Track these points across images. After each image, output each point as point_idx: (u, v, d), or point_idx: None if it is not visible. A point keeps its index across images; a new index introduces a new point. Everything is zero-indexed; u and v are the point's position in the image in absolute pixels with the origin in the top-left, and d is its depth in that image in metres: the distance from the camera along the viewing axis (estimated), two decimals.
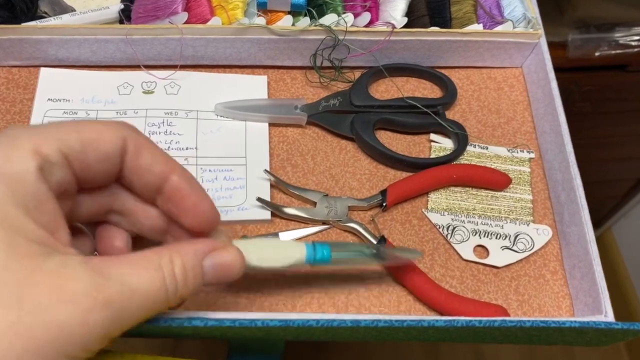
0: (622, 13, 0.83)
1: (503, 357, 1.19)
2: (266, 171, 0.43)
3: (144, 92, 0.46)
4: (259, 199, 0.42)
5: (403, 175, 0.46)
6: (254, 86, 0.48)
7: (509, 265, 0.43)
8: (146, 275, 0.24)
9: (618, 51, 0.83)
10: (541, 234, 0.44)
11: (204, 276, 0.27)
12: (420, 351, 1.17)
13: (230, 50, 0.47)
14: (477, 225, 0.44)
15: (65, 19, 0.46)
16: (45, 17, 0.46)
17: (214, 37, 0.46)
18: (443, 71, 0.51)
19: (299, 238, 0.41)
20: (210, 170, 0.44)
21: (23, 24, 0.44)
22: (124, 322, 0.24)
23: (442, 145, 0.48)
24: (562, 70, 0.78)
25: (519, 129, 0.49)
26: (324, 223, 0.43)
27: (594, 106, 0.92)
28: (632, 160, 1.11)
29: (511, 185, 0.46)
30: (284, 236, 0.41)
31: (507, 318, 0.33)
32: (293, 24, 0.47)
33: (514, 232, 0.44)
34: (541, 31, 0.49)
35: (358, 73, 0.50)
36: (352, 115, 0.47)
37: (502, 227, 0.44)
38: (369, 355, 1.14)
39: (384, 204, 0.43)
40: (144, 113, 0.45)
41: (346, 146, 0.47)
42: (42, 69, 0.46)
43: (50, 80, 0.46)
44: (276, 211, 0.42)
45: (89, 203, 0.28)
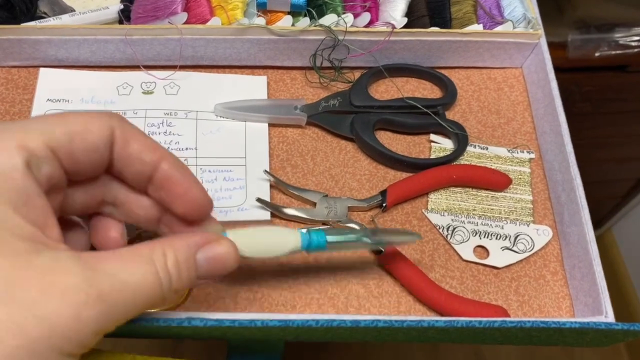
0: (622, 13, 0.83)
1: (503, 358, 1.19)
2: (266, 172, 0.43)
3: (144, 93, 0.46)
4: (259, 200, 0.42)
5: (403, 175, 0.46)
6: (254, 86, 0.48)
7: (509, 265, 0.43)
8: (139, 269, 0.24)
9: (618, 52, 0.83)
10: (541, 235, 0.44)
11: (198, 269, 0.27)
12: (420, 352, 1.17)
13: (229, 50, 0.47)
14: (477, 225, 0.44)
15: (64, 20, 0.46)
16: (44, 18, 0.46)
17: (214, 38, 0.46)
18: (443, 71, 0.51)
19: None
20: (209, 170, 0.43)
21: (22, 25, 0.44)
22: (118, 317, 0.23)
23: (442, 145, 0.48)
24: (562, 70, 0.78)
25: (519, 130, 0.49)
26: (324, 224, 0.43)
27: (594, 106, 0.92)
28: (632, 160, 1.11)
29: (511, 185, 0.46)
30: None
31: (507, 319, 0.33)
32: (293, 24, 0.47)
33: (514, 233, 0.44)
34: (541, 31, 0.49)
35: (358, 73, 0.49)
36: (352, 115, 0.47)
37: (502, 228, 0.44)
38: (369, 356, 1.14)
39: (384, 205, 0.43)
40: (144, 113, 0.45)
41: (346, 146, 0.47)
42: (42, 70, 0.46)
43: (49, 80, 0.46)
44: (276, 212, 0.42)
45: (80, 195, 0.28)
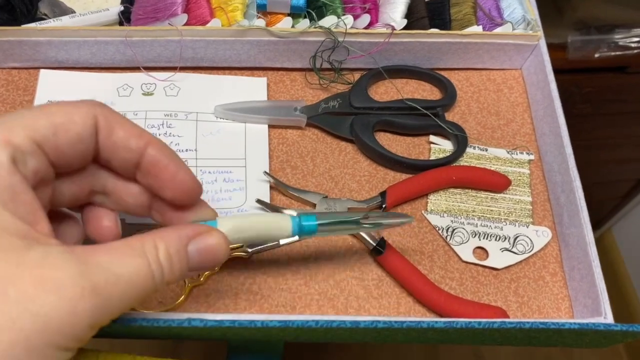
0: (622, 14, 0.83)
1: (502, 358, 1.19)
2: (266, 173, 0.43)
3: (144, 94, 0.46)
4: (259, 201, 0.42)
5: (402, 176, 0.46)
6: (254, 88, 0.48)
7: (509, 266, 0.43)
8: (131, 261, 0.24)
9: (618, 53, 0.83)
10: (540, 236, 0.44)
11: (189, 261, 0.27)
12: (419, 353, 1.17)
13: (229, 52, 0.47)
14: (477, 227, 0.44)
15: (64, 21, 0.46)
16: (45, 19, 0.46)
17: (214, 39, 0.46)
18: (442, 73, 0.51)
19: (298, 240, 0.41)
20: (209, 171, 0.44)
21: (23, 26, 0.44)
22: (113, 310, 0.24)
23: (442, 147, 0.48)
24: (562, 71, 0.78)
25: (519, 131, 0.49)
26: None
27: (594, 108, 0.92)
28: (632, 161, 1.11)
29: (511, 187, 0.46)
30: (283, 239, 0.41)
31: (507, 320, 0.33)
32: (293, 26, 0.47)
33: (514, 234, 0.44)
34: (540, 33, 0.49)
35: (357, 75, 0.50)
36: (352, 117, 0.47)
37: (502, 229, 0.44)
38: (368, 356, 1.14)
39: (384, 206, 0.43)
40: (144, 115, 0.45)
41: (346, 148, 0.47)
42: (42, 71, 0.46)
43: (49, 82, 0.46)
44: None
45: (69, 187, 0.28)
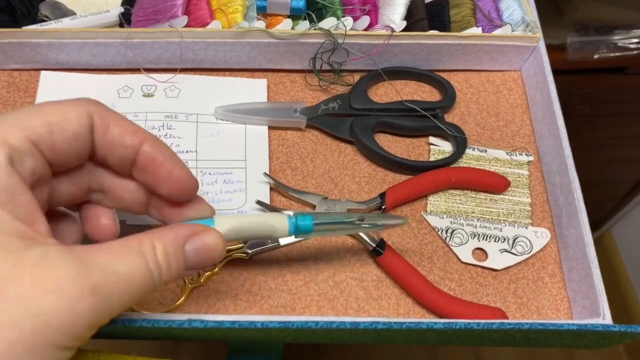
0: (621, 16, 0.83)
1: (502, 359, 1.19)
2: (266, 174, 0.43)
3: (144, 96, 0.47)
4: (259, 202, 0.42)
5: (402, 178, 0.46)
6: (254, 89, 0.48)
7: (508, 268, 0.43)
8: (129, 261, 0.24)
9: (617, 54, 0.83)
10: (539, 237, 0.44)
11: (187, 260, 0.27)
12: (419, 353, 1.17)
13: (230, 53, 0.47)
14: (476, 228, 0.44)
15: (65, 23, 0.46)
16: (45, 21, 0.46)
17: (214, 41, 0.46)
18: (442, 74, 0.51)
19: (298, 241, 0.41)
20: (210, 173, 0.44)
21: (24, 28, 0.45)
22: (112, 309, 0.24)
23: (441, 148, 0.48)
24: (561, 72, 0.78)
25: (518, 132, 0.50)
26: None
27: (593, 108, 0.92)
28: (632, 162, 1.11)
29: (510, 188, 0.46)
30: (283, 240, 0.41)
31: (505, 321, 0.33)
32: (292, 28, 0.47)
33: (513, 235, 0.44)
34: (539, 34, 0.49)
35: (357, 76, 0.50)
36: (351, 118, 0.47)
37: (501, 230, 0.44)
38: (368, 357, 1.14)
39: (383, 207, 0.43)
40: (144, 116, 0.45)
41: (345, 149, 0.47)
42: (43, 72, 0.47)
43: (50, 83, 0.46)
44: None
45: (67, 185, 0.28)
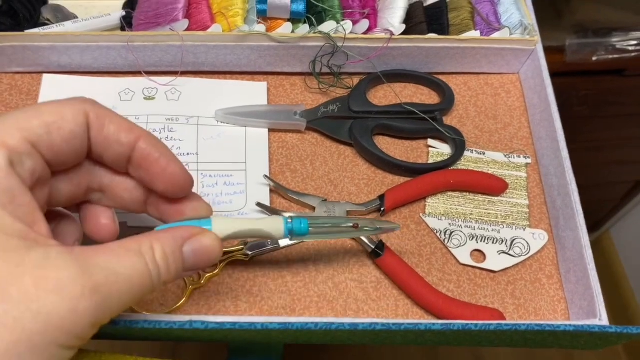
0: (620, 18, 0.84)
1: (502, 359, 1.19)
2: (266, 176, 0.44)
3: (145, 98, 0.47)
4: (259, 204, 0.43)
5: (401, 180, 0.47)
6: (254, 92, 0.49)
7: (506, 269, 0.43)
8: (129, 261, 0.25)
9: (615, 56, 0.83)
10: (537, 239, 0.44)
11: (185, 261, 0.28)
12: (419, 354, 1.17)
13: (230, 57, 0.48)
14: (474, 230, 0.44)
15: (67, 26, 0.46)
16: (47, 25, 0.47)
17: (215, 44, 0.46)
18: (441, 77, 0.51)
19: (297, 243, 0.42)
20: (210, 175, 0.44)
21: (26, 31, 0.45)
22: (112, 308, 0.24)
23: (440, 150, 0.48)
24: (560, 74, 0.79)
25: (516, 135, 0.50)
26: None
27: (592, 110, 0.93)
28: (630, 163, 1.12)
29: (508, 190, 0.46)
30: (283, 242, 0.41)
31: (503, 322, 0.33)
32: (292, 31, 0.47)
33: (511, 237, 0.44)
34: (537, 38, 0.50)
35: (356, 79, 0.50)
36: (351, 121, 0.47)
37: (499, 232, 0.44)
38: (368, 357, 1.14)
39: (382, 209, 0.44)
40: (145, 119, 0.46)
41: (345, 151, 0.48)
42: (45, 76, 0.47)
43: (52, 86, 0.47)
44: None
45: (66, 185, 0.29)
